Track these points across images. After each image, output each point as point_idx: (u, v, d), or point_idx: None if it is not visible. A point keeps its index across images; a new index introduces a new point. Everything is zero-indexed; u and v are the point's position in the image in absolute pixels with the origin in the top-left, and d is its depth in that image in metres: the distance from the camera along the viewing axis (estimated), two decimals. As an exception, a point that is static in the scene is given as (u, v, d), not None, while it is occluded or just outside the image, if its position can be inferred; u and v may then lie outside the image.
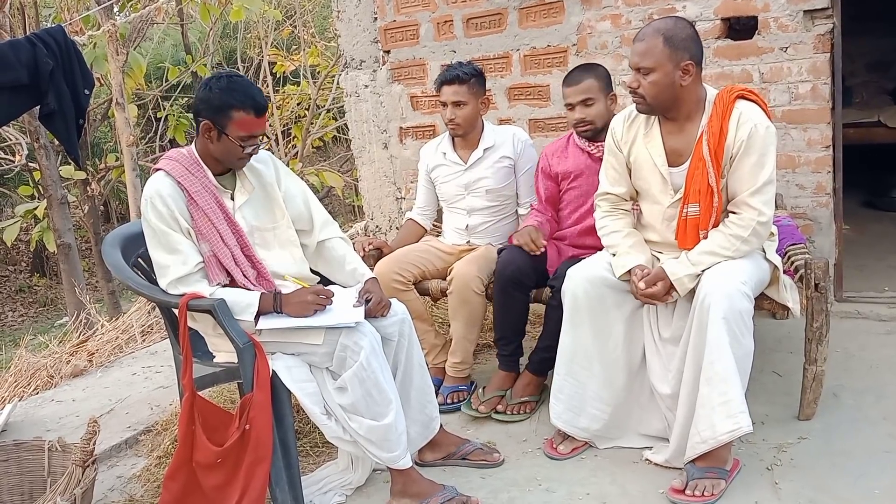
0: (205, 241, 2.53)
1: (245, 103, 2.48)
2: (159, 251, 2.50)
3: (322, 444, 2.95)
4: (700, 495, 2.41)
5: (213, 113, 2.48)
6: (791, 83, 3.49)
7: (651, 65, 2.52)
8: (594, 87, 3.04)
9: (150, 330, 4.86)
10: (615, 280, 2.68)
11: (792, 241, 2.99)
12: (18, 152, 7.00)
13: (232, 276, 2.55)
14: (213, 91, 2.49)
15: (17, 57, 2.84)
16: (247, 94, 2.49)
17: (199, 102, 2.52)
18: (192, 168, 2.55)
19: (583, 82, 3.04)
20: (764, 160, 2.52)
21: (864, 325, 3.50)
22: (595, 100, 3.04)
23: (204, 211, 2.53)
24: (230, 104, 2.47)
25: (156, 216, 2.48)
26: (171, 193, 2.50)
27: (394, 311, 2.69)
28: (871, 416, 2.79)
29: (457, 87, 3.28)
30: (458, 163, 3.41)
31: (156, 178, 2.53)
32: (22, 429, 3.42)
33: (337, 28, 4.62)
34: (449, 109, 3.30)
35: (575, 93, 3.06)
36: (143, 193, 2.52)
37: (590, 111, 3.05)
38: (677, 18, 2.61)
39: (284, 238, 2.70)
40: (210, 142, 2.52)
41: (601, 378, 2.72)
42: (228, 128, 2.48)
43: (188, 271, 2.48)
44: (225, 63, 10.28)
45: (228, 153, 2.53)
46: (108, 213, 12.64)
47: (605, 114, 3.06)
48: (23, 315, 11.31)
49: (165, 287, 2.50)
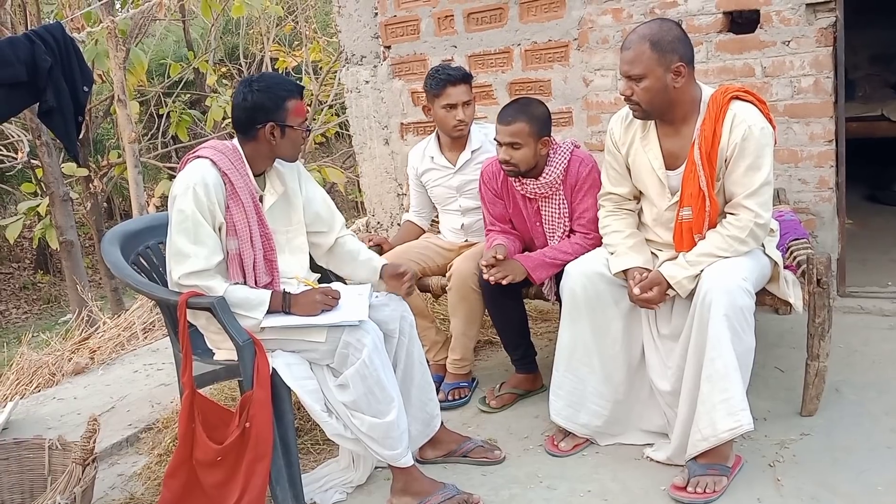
0: (234, 237, 2.49)
1: (291, 90, 2.54)
2: (184, 239, 2.43)
3: (323, 442, 2.95)
4: (702, 492, 2.40)
5: (272, 113, 2.50)
6: (793, 77, 3.47)
7: (641, 72, 2.49)
8: (524, 132, 2.85)
9: (152, 327, 4.86)
10: (613, 277, 2.67)
11: (794, 235, 2.97)
12: (20, 149, 6.99)
13: (245, 279, 2.54)
14: (258, 93, 2.50)
15: (15, 54, 2.83)
16: (286, 82, 2.56)
17: (252, 109, 2.50)
18: (236, 163, 2.53)
19: (513, 125, 2.86)
20: (760, 162, 2.49)
21: (866, 321, 3.49)
22: (522, 145, 2.86)
23: (244, 206, 2.51)
24: (282, 97, 2.51)
25: (194, 203, 2.42)
26: (215, 184, 2.47)
27: (394, 307, 2.69)
28: (873, 411, 2.78)
29: (464, 85, 3.22)
30: (447, 166, 3.37)
31: (201, 164, 2.49)
32: (23, 427, 3.42)
33: (337, 24, 4.61)
34: (460, 110, 3.23)
35: (503, 133, 2.88)
36: (184, 178, 2.46)
37: (515, 154, 2.87)
38: (662, 20, 2.58)
39: (295, 244, 2.71)
40: (275, 142, 2.52)
41: (601, 374, 2.71)
42: (289, 119, 2.52)
43: (208, 266, 2.44)
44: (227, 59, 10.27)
45: (294, 145, 2.57)
46: (112, 210, 12.64)
47: (532, 160, 2.89)
48: (27, 312, 11.33)
49: (179, 277, 2.44)
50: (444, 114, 3.25)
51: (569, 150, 2.98)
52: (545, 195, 2.98)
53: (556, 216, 2.99)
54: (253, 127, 2.52)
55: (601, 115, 3.89)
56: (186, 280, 2.44)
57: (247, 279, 2.52)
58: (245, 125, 2.53)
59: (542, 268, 2.93)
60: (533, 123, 2.87)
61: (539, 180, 2.95)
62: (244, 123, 2.53)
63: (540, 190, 2.97)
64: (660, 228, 2.71)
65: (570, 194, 2.97)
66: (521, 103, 2.95)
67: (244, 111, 2.52)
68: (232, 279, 2.51)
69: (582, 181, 2.95)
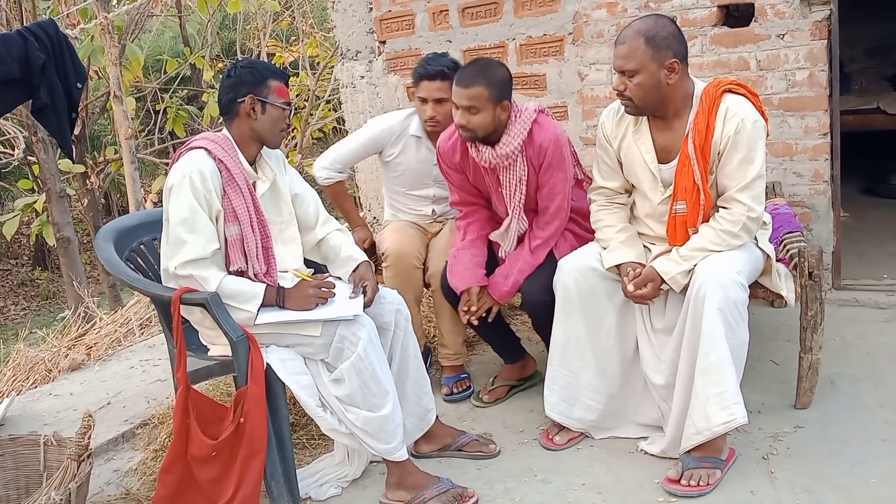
0: (235, 223, 2.50)
1: (276, 73, 2.60)
2: (180, 228, 2.43)
3: (318, 437, 2.95)
4: (696, 485, 2.40)
5: (253, 87, 2.53)
6: (788, 70, 3.47)
7: (635, 67, 2.48)
8: (482, 96, 2.69)
9: (148, 323, 4.86)
10: (606, 271, 2.68)
11: (788, 228, 2.97)
12: (17, 146, 6.98)
13: (245, 267, 2.54)
14: (243, 70, 2.57)
15: (8, 51, 2.82)
16: (272, 66, 2.63)
17: (235, 85, 2.55)
18: (229, 150, 2.55)
19: (471, 87, 2.70)
20: (752, 155, 2.49)
21: (862, 313, 3.49)
22: (480, 109, 2.71)
23: (242, 191, 2.52)
24: (265, 75, 2.56)
25: (191, 192, 2.43)
26: (212, 172, 2.48)
27: (390, 300, 2.70)
28: (867, 403, 2.78)
29: (439, 82, 3.11)
30: (431, 150, 3.26)
31: (196, 155, 2.50)
32: (19, 423, 3.42)
33: (332, 19, 4.60)
34: (429, 106, 3.14)
35: (459, 95, 2.72)
36: (180, 168, 2.47)
37: (472, 119, 2.72)
38: (657, 16, 2.58)
39: (288, 235, 2.71)
40: (254, 118, 2.54)
41: (595, 368, 2.72)
42: (270, 97, 2.55)
43: (204, 254, 2.44)
44: (224, 55, 10.25)
45: (274, 123, 2.57)
46: (109, 206, 12.63)
47: (490, 125, 2.74)
48: (25, 309, 11.34)
49: (175, 267, 2.44)
50: (418, 105, 3.24)
51: (531, 118, 2.80)
52: (504, 166, 2.84)
53: (513, 187, 2.86)
54: (234, 102, 2.55)
55: (596, 110, 3.88)
56: (182, 270, 2.43)
57: (248, 263, 2.52)
58: (228, 103, 2.57)
59: (509, 294, 2.93)
60: (492, 87, 2.71)
61: (496, 150, 2.79)
62: (227, 102, 2.57)
63: (496, 160, 2.81)
64: (653, 222, 2.71)
65: (532, 168, 2.84)
66: (480, 64, 2.78)
67: (227, 89, 2.56)
68: (234, 265, 2.51)
69: (548, 160, 2.80)
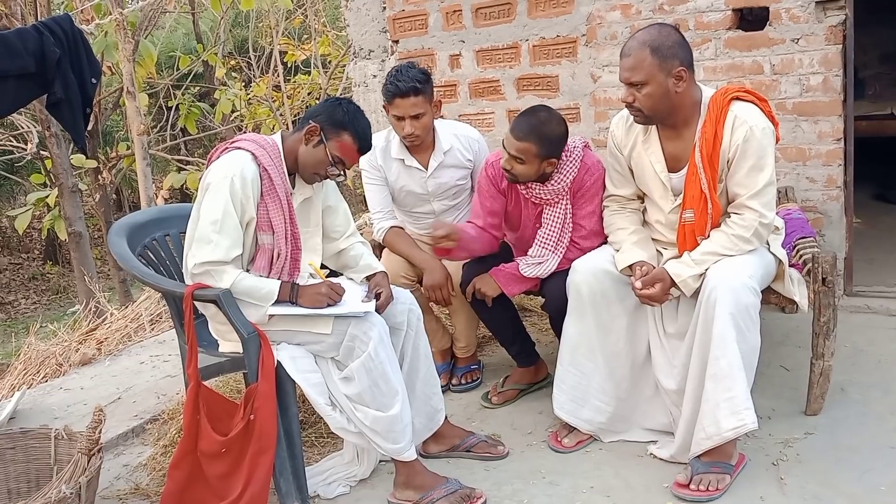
0: (270, 232, 2.51)
1: (360, 136, 2.56)
2: (210, 227, 2.41)
3: (327, 435, 2.96)
4: (705, 490, 2.40)
5: (329, 123, 2.54)
6: (802, 75, 3.46)
7: (642, 78, 2.48)
8: (530, 152, 2.72)
9: (158, 318, 4.87)
10: (619, 274, 2.67)
11: (801, 234, 2.96)
12: (30, 140, 7.01)
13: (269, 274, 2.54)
14: (342, 109, 2.55)
15: (24, 45, 2.82)
16: (366, 131, 2.57)
17: (323, 110, 2.57)
18: (275, 159, 2.54)
19: (522, 142, 2.72)
20: (762, 163, 2.48)
21: (873, 320, 3.48)
22: (526, 162, 2.75)
23: (280, 202, 2.52)
24: (348, 127, 2.54)
25: (230, 194, 2.42)
26: (253, 178, 2.47)
27: (402, 301, 2.70)
28: (878, 411, 2.78)
29: (413, 98, 3.01)
30: (419, 168, 3.22)
31: (241, 157, 2.49)
32: (30, 416, 3.44)
33: (346, 17, 4.61)
34: (407, 123, 3.05)
35: (510, 145, 2.75)
36: (222, 167, 2.46)
37: (517, 167, 2.77)
38: (661, 25, 2.57)
39: (311, 244, 2.71)
40: (306, 144, 2.54)
41: (604, 371, 2.72)
42: (332, 142, 2.53)
43: (226, 258, 2.43)
44: (236, 52, 10.27)
45: (314, 164, 2.55)
46: (120, 202, 12.70)
47: (533, 176, 2.79)
48: (36, 303, 11.40)
49: (193, 265, 2.43)
50: (394, 122, 3.12)
51: (579, 157, 2.84)
52: (550, 201, 2.89)
53: (557, 225, 2.88)
54: (308, 120, 2.56)
55: (609, 112, 3.88)
56: (200, 269, 2.43)
57: (271, 275, 2.53)
58: (307, 117, 2.59)
59: (515, 283, 2.93)
60: (544, 146, 2.73)
61: (546, 186, 2.85)
62: (307, 116, 2.59)
63: (545, 196, 2.87)
64: (664, 229, 2.71)
65: (573, 201, 2.89)
66: (538, 119, 2.75)
67: (320, 108, 2.60)
68: (256, 272, 2.51)
69: (586, 189, 2.86)
